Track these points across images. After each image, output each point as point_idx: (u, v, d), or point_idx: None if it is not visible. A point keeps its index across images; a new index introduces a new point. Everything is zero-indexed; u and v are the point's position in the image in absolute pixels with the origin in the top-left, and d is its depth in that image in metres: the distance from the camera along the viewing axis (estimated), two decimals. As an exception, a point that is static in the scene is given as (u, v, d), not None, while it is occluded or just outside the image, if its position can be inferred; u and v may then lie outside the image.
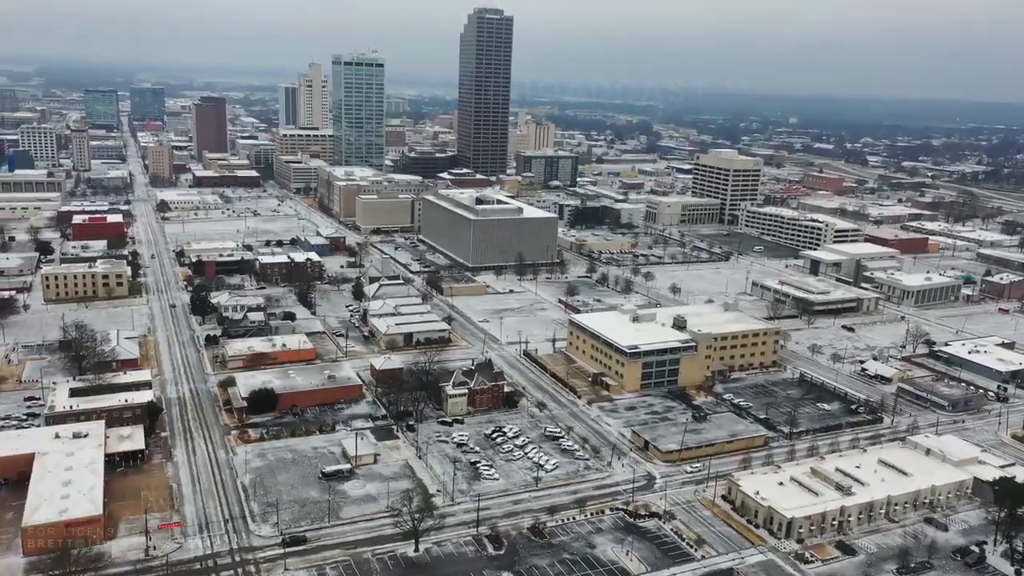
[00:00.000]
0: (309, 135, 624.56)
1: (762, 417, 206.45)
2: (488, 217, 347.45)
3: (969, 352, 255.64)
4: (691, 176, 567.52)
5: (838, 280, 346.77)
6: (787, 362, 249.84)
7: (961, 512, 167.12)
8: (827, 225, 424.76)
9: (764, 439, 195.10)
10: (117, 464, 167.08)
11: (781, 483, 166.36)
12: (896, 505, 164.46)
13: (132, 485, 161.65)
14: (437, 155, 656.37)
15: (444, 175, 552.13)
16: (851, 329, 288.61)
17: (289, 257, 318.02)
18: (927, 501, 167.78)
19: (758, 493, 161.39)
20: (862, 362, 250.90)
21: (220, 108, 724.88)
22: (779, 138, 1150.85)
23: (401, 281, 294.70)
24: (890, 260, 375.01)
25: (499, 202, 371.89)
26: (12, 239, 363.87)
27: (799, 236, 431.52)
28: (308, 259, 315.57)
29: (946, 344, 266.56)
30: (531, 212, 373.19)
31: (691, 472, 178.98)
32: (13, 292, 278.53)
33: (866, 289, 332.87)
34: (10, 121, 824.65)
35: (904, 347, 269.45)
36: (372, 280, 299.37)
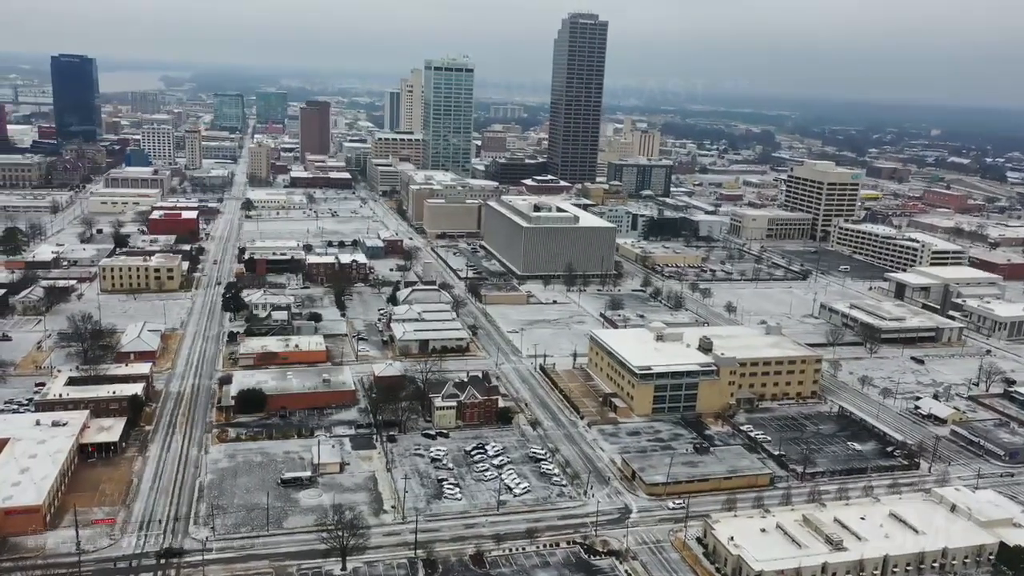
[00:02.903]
0: (402, 139, 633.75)
1: (776, 453, 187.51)
2: (541, 225, 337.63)
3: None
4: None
5: (924, 306, 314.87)
6: (830, 394, 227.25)
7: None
8: (924, 245, 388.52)
9: (770, 478, 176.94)
10: (90, 455, 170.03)
11: (763, 530, 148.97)
12: (896, 566, 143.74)
13: (97, 477, 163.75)
14: (526, 161, 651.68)
15: (528, 182, 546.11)
16: (920, 361, 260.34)
17: (336, 258, 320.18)
18: (936, 565, 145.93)
19: (732, 539, 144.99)
20: (917, 399, 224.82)
21: (324, 112, 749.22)
22: (912, 151, 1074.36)
23: (435, 287, 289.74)
24: (990, 287, 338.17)
25: (558, 210, 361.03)
26: (99, 231, 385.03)
27: (893, 256, 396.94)
28: (353, 261, 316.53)
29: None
30: (588, 221, 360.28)
31: (673, 508, 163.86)
32: (75, 281, 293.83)
33: (952, 317, 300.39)
34: (147, 122, 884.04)
35: (976, 384, 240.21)
36: (408, 284, 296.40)
